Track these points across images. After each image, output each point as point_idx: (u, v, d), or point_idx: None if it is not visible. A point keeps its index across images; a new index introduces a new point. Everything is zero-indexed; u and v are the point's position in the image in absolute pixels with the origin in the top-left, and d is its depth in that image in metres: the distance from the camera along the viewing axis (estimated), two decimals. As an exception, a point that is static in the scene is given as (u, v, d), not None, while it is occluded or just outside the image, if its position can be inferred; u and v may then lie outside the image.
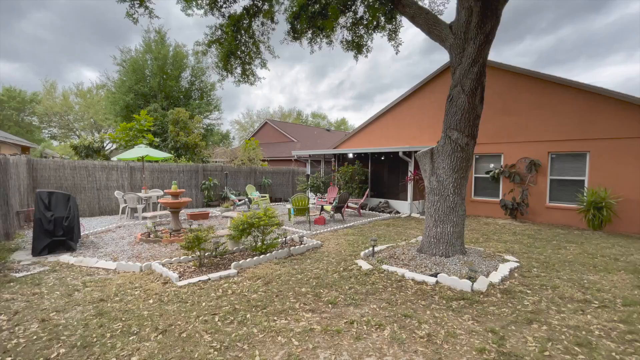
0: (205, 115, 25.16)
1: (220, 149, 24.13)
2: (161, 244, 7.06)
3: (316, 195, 14.92)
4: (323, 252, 6.57)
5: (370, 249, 6.19)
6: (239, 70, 9.97)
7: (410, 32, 76.60)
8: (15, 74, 53.51)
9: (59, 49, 56.35)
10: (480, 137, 13.20)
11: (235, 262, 5.36)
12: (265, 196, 13.89)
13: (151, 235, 7.53)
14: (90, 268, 5.34)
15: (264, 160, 18.49)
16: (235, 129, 54.36)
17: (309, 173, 16.92)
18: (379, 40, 78.78)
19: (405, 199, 12.49)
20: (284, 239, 6.98)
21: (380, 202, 12.94)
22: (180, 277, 4.81)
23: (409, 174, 12.21)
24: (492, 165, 12.26)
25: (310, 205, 12.97)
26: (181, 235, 7.70)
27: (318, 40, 9.28)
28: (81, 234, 7.50)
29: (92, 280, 4.77)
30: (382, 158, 13.34)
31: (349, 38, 8.84)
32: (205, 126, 25.76)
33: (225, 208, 11.18)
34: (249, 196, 13.54)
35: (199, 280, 4.68)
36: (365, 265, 5.42)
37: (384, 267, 5.28)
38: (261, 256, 5.82)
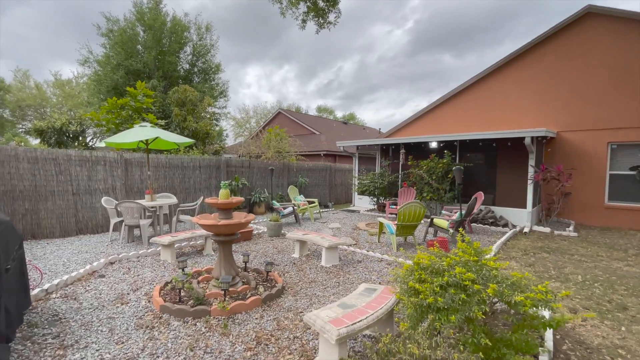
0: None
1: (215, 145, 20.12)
2: (210, 322, 3.19)
3: (376, 200, 11.17)
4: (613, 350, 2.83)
5: None
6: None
7: (396, 34, 76.30)
8: (-5, 70, 48.28)
9: (40, 47, 51.18)
10: (620, 118, 8.96)
11: None
12: (314, 202, 10.05)
13: (183, 294, 3.64)
14: None
15: (300, 155, 14.53)
16: (230, 125, 49.97)
17: (357, 169, 13.18)
18: (369, 39, 77.55)
19: (520, 206, 8.87)
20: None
21: (481, 210, 9.28)
22: None
23: (531, 170, 8.58)
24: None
25: (382, 218, 9.42)
26: (240, 288, 3.83)
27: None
28: (33, 292, 3.55)
29: None
30: (493, 147, 9.64)
31: None
32: (209, 115, 21.60)
33: (275, 222, 7.29)
34: (293, 202, 9.69)
35: None
36: None
37: None
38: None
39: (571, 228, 8.33)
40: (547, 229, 8.21)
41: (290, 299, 3.82)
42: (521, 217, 8.77)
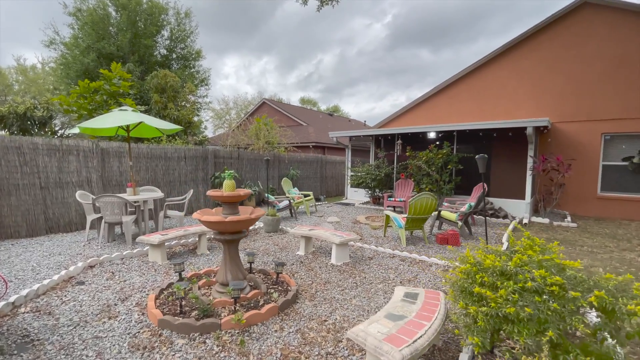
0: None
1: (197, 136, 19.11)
2: (223, 338, 2.67)
3: (372, 192, 10.83)
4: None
5: None
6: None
7: (375, 28, 77.38)
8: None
9: (1, 33, 46.56)
10: (614, 109, 8.96)
11: None
12: (310, 195, 9.56)
13: (184, 304, 3.09)
14: None
15: (291, 146, 13.82)
16: (209, 117, 48.13)
17: (350, 161, 12.78)
18: (349, 32, 77.67)
19: (518, 197, 8.80)
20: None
21: (480, 201, 9.12)
22: None
23: (531, 160, 8.49)
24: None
25: (388, 211, 9.05)
26: (250, 294, 3.32)
27: None
28: (-5, 310, 2.89)
29: None
30: (495, 136, 9.47)
31: None
32: (190, 103, 20.44)
33: (272, 217, 6.76)
34: (288, 195, 9.17)
35: None
36: None
37: None
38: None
39: (569, 219, 8.34)
40: (546, 220, 8.16)
41: (308, 305, 3.36)
42: (519, 208, 8.70)
